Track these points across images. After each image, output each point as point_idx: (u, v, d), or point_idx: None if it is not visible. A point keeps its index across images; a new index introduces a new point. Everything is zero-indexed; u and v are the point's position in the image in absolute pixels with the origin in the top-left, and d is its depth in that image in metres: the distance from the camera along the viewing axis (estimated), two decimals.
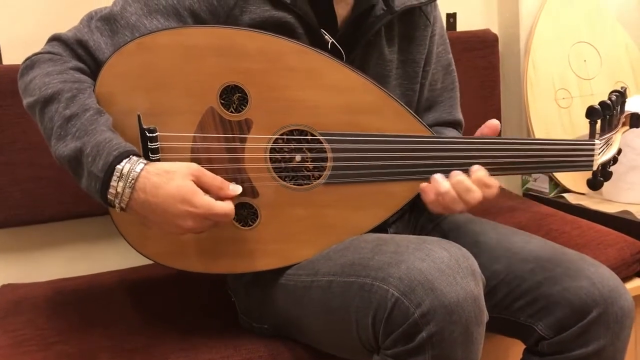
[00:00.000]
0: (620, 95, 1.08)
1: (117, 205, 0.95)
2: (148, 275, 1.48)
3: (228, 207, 0.96)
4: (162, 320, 1.25)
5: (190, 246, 1.07)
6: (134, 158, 0.95)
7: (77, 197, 1.46)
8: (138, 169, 0.94)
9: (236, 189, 1.00)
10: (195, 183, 0.95)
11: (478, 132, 1.07)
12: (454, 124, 1.33)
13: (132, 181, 0.94)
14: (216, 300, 1.32)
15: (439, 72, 1.30)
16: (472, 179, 1.02)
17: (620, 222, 1.58)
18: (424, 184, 1.04)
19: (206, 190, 0.96)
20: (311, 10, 1.10)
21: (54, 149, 0.99)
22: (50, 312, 1.30)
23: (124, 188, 0.94)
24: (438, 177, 1.03)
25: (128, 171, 0.93)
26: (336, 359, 1.11)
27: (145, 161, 0.95)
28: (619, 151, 1.10)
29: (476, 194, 1.01)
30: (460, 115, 1.34)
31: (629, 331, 1.08)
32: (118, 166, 0.93)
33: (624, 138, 1.14)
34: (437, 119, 1.30)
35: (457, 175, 1.02)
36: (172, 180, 0.94)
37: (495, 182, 1.03)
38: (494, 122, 1.06)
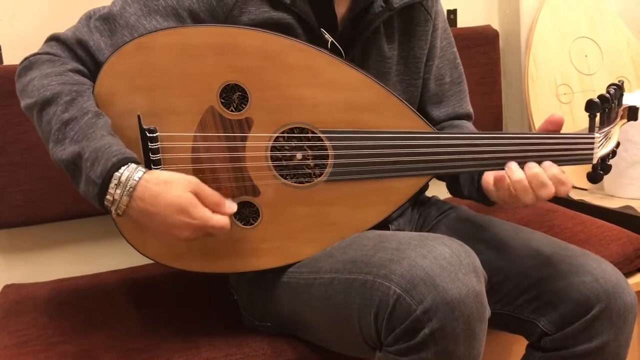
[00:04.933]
0: (618, 89, 1.08)
1: (113, 211, 0.95)
2: (150, 275, 1.48)
3: (224, 221, 0.97)
4: (164, 320, 1.25)
5: (192, 246, 1.07)
6: (133, 165, 0.94)
7: (78, 197, 1.41)
8: (137, 177, 0.93)
9: (232, 206, 1.00)
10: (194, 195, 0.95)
11: (541, 128, 1.06)
12: (466, 117, 1.32)
13: (131, 189, 0.93)
14: (218, 298, 1.32)
15: (445, 66, 1.29)
16: (547, 174, 1.01)
17: (622, 218, 1.57)
18: (498, 174, 1.03)
19: (204, 204, 0.96)
20: (311, 10, 1.09)
21: (52, 152, 0.98)
22: (53, 312, 1.30)
23: (121, 195, 0.93)
24: (513, 165, 1.02)
25: (126, 179, 0.93)
26: (339, 356, 1.11)
27: (144, 169, 0.95)
28: (618, 144, 1.10)
29: (550, 190, 1.00)
30: (470, 108, 1.34)
31: (632, 326, 1.08)
32: (116, 173, 0.93)
33: (626, 133, 1.14)
34: (449, 113, 1.30)
35: (533, 167, 1.01)
36: (171, 190, 0.94)
37: (569, 180, 1.02)
38: (557, 116, 1.05)
